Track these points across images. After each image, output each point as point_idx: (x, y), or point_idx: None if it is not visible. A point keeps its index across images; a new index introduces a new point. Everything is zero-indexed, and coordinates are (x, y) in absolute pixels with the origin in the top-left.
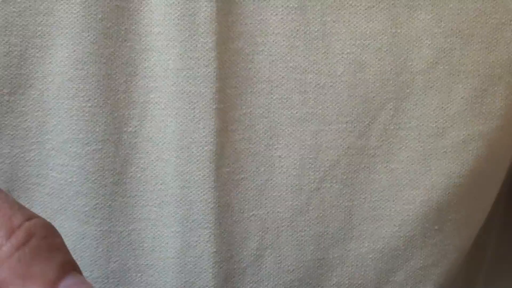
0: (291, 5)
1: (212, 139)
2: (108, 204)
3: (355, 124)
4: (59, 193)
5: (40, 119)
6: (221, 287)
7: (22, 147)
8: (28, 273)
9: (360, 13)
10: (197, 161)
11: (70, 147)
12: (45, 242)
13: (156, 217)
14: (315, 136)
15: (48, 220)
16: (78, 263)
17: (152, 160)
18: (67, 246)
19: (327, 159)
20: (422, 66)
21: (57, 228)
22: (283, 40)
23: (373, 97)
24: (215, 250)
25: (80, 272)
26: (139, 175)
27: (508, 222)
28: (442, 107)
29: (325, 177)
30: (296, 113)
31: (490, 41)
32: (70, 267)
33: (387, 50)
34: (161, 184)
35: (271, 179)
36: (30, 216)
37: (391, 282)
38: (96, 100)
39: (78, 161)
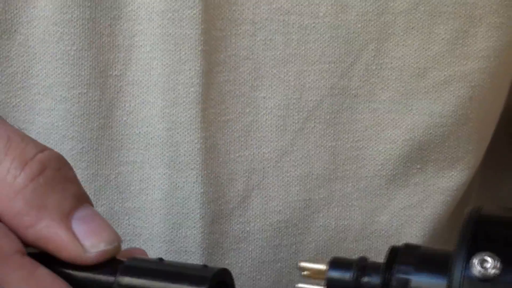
0: None
1: (198, 81)
2: (94, 147)
3: (338, 65)
4: (46, 138)
5: (26, 64)
6: (208, 227)
7: (8, 93)
8: (42, 204)
9: None
10: (183, 102)
11: (56, 91)
12: (59, 173)
13: (142, 160)
14: (298, 76)
15: None
16: None
17: (138, 103)
18: None
19: (311, 99)
20: (403, 7)
21: None
22: None
23: (355, 37)
24: (202, 191)
25: (91, 205)
26: (125, 118)
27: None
28: (423, 48)
29: (309, 117)
30: (280, 54)
31: None
32: (83, 199)
33: None
34: (147, 127)
35: (256, 120)
36: (43, 148)
37: (376, 222)
38: (81, 44)
39: (64, 104)
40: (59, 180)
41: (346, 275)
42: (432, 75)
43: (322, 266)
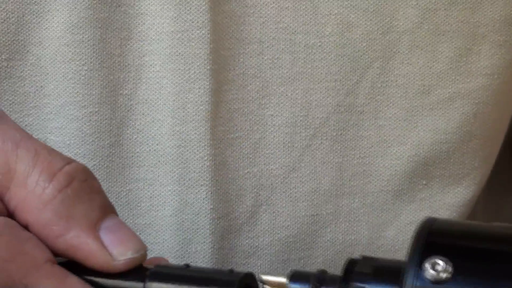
0: None
1: (207, 99)
2: (105, 165)
3: (344, 82)
4: None
5: (38, 84)
6: (218, 243)
7: (21, 112)
8: (70, 214)
9: None
10: (193, 120)
11: (68, 110)
12: (85, 184)
13: (153, 177)
14: (305, 94)
15: None
16: None
17: (148, 121)
18: None
19: (317, 117)
20: (408, 25)
21: None
22: (273, 2)
23: (361, 56)
24: (211, 207)
25: (117, 215)
26: (135, 136)
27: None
28: (428, 66)
29: (316, 134)
30: (287, 72)
31: (474, 1)
32: (109, 209)
33: (373, 10)
34: (157, 145)
35: (264, 137)
36: (69, 160)
37: (383, 237)
38: (91, 64)
39: (76, 123)
40: (86, 191)
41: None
42: (436, 93)
43: (282, 279)
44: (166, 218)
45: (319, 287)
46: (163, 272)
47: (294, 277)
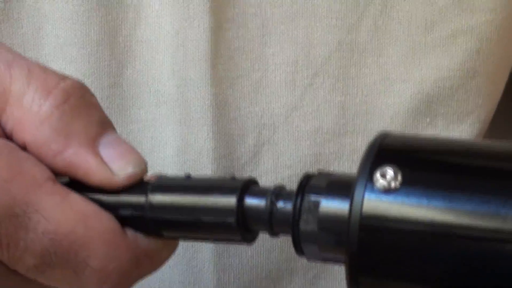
0: None
1: (207, 37)
2: (105, 106)
3: (345, 20)
4: None
5: (36, 25)
6: None
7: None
8: (69, 131)
9: None
10: (193, 59)
11: (66, 51)
12: (83, 100)
13: (154, 117)
14: (306, 32)
15: None
16: None
17: (148, 62)
18: None
19: (319, 55)
20: None
21: None
22: None
23: None
24: (213, 146)
25: (116, 131)
26: (135, 76)
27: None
28: (430, 1)
29: (318, 72)
30: (287, 10)
31: None
32: (108, 124)
33: None
34: (157, 85)
35: (266, 76)
36: (64, 77)
37: None
38: (90, 4)
39: (75, 64)
40: (84, 107)
41: (261, 202)
42: (439, 29)
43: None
44: (168, 158)
45: (274, 201)
46: (165, 184)
47: (252, 191)
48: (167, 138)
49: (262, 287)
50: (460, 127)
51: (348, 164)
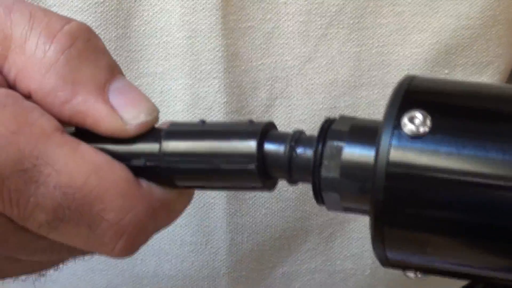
0: None
1: None
2: None
3: None
4: None
5: None
6: None
7: None
8: (76, 77)
9: None
10: (203, 9)
11: (72, 1)
12: (89, 44)
13: (163, 71)
14: None
15: None
16: None
17: (156, 12)
18: None
19: (333, 4)
20: None
21: None
22: None
23: None
24: (225, 100)
25: (125, 76)
26: (143, 28)
27: None
28: None
29: (332, 22)
30: None
31: None
32: (117, 69)
33: None
34: (166, 36)
35: (278, 26)
36: (69, 19)
37: None
38: None
39: (81, 15)
40: (91, 51)
41: (280, 148)
42: None
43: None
44: (178, 113)
45: (294, 147)
46: (179, 130)
47: (270, 137)
48: (177, 92)
49: (276, 247)
50: (480, 78)
51: (363, 116)
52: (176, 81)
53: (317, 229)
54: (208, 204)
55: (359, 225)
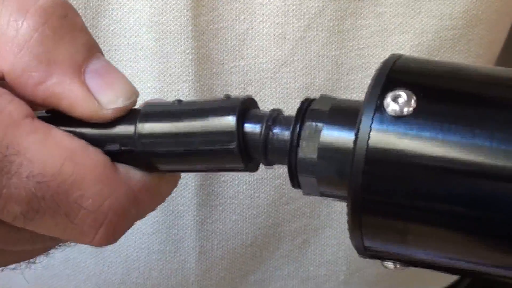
0: None
1: None
2: None
3: None
4: None
5: None
6: None
7: None
8: (51, 56)
9: None
10: (173, 10)
11: None
12: (66, 21)
13: (131, 73)
14: None
15: None
16: None
17: (125, 12)
18: None
19: (312, 5)
20: None
21: None
22: None
23: None
24: None
25: (103, 56)
26: (112, 28)
27: None
28: None
29: (311, 24)
30: None
31: None
32: (95, 48)
33: None
34: (135, 37)
35: (252, 28)
36: None
37: None
38: None
39: None
40: (67, 28)
41: (256, 128)
42: None
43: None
44: None
45: (270, 126)
46: (155, 111)
47: (248, 115)
48: (146, 95)
49: (248, 254)
50: None
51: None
52: (145, 83)
53: (289, 235)
54: (177, 212)
55: (335, 232)
